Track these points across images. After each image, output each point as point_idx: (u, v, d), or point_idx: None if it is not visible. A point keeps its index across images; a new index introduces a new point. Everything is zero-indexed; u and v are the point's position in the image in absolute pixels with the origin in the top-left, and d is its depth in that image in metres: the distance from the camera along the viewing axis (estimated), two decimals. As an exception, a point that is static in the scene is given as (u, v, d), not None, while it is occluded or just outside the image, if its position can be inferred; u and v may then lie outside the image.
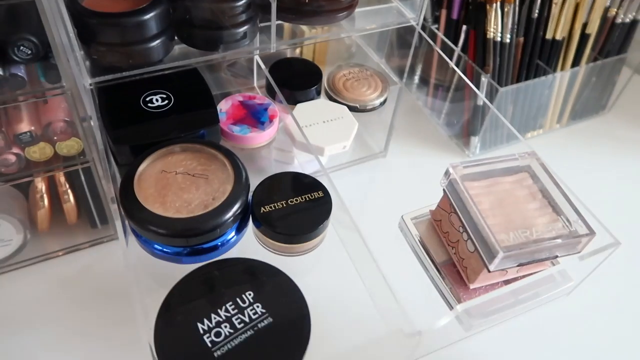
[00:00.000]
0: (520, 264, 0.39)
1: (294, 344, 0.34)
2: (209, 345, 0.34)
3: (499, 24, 0.60)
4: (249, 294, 0.36)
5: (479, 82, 0.63)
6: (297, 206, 0.42)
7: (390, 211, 0.49)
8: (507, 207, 0.41)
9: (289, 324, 0.35)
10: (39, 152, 0.44)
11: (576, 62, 0.68)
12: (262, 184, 0.44)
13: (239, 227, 0.42)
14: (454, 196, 0.41)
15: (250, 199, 0.43)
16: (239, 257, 0.40)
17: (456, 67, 0.62)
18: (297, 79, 0.56)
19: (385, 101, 0.59)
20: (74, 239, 0.52)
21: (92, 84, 0.42)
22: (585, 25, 0.66)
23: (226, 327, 0.35)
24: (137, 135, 0.44)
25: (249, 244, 0.44)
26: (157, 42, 0.42)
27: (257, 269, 0.39)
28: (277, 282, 0.38)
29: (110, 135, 0.44)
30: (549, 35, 0.64)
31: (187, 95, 0.48)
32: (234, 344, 0.34)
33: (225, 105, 0.51)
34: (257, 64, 0.57)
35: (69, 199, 0.50)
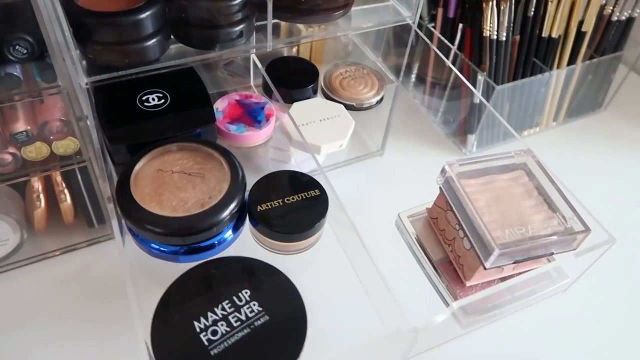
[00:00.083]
0: (516, 261, 0.39)
1: (291, 341, 0.34)
2: (206, 343, 0.34)
3: (495, 22, 0.60)
4: (246, 293, 0.37)
5: (475, 81, 0.63)
6: (294, 205, 0.42)
7: (387, 209, 0.49)
8: (503, 205, 0.41)
9: (285, 322, 0.35)
10: (35, 151, 0.44)
11: (572, 60, 0.68)
12: (258, 182, 0.44)
13: (236, 225, 0.42)
14: (450, 194, 0.42)
15: (246, 197, 0.43)
16: (235, 256, 0.40)
17: (452, 66, 0.62)
18: (293, 78, 0.56)
19: (381, 100, 0.59)
20: (71, 239, 0.52)
21: (88, 83, 0.42)
22: (581, 23, 0.66)
23: (223, 325, 0.35)
24: (133, 134, 0.44)
25: (245, 243, 0.44)
26: (153, 41, 0.42)
27: (253, 267, 0.39)
28: (273, 280, 0.38)
29: (106, 134, 0.44)
30: (545, 33, 0.64)
31: (184, 94, 0.48)
32: (230, 343, 0.34)
33: (221, 104, 0.52)
34: (254, 62, 0.57)
35: (66, 199, 0.49)
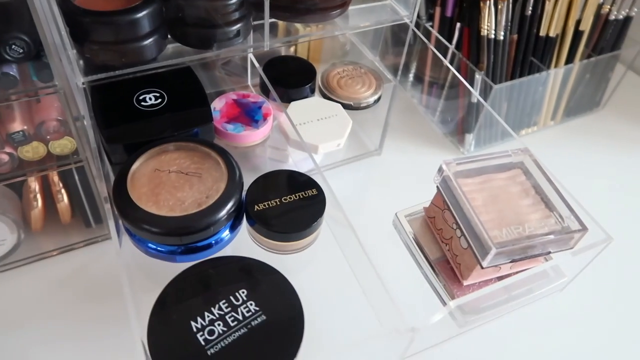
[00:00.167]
0: (513, 260, 0.39)
1: (288, 341, 0.34)
2: (202, 343, 0.34)
3: (493, 22, 0.60)
4: (243, 292, 0.37)
5: (473, 80, 0.63)
6: (291, 204, 0.42)
7: (384, 208, 0.49)
8: (500, 204, 0.41)
9: (282, 321, 0.35)
10: (32, 151, 0.44)
11: (570, 59, 0.68)
12: (256, 182, 0.44)
13: (233, 225, 0.42)
14: (447, 193, 0.42)
15: (244, 197, 0.43)
16: (232, 255, 0.40)
17: (450, 65, 0.62)
18: (291, 77, 0.56)
19: (379, 99, 0.59)
20: (68, 239, 0.52)
21: (85, 82, 0.42)
22: (578, 22, 0.66)
23: (219, 325, 0.35)
24: (130, 134, 0.44)
25: (242, 242, 0.44)
26: (149, 40, 0.42)
27: (251, 267, 0.39)
28: (270, 280, 0.38)
29: (103, 134, 0.44)
30: (543, 32, 0.64)
31: (181, 93, 0.48)
32: (227, 342, 0.34)
33: (219, 103, 0.51)
34: (251, 62, 0.57)
35: (63, 199, 0.49)
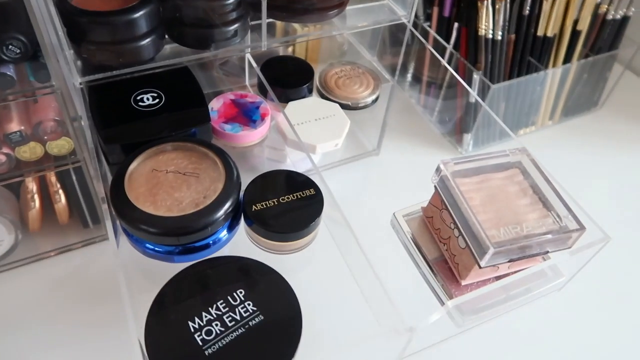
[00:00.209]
0: (511, 260, 0.39)
1: (286, 341, 0.34)
2: (200, 343, 0.34)
3: (491, 21, 0.60)
4: (240, 292, 0.36)
5: (471, 80, 0.63)
6: (289, 204, 0.42)
7: (382, 208, 0.49)
8: (498, 203, 0.41)
9: (280, 321, 0.35)
10: (30, 151, 0.44)
11: (567, 59, 0.68)
12: (253, 182, 0.44)
13: (231, 225, 0.42)
14: (445, 193, 0.42)
15: (241, 197, 0.43)
16: (230, 256, 0.40)
17: (448, 65, 0.63)
18: (288, 77, 0.56)
19: (377, 99, 0.59)
20: (66, 239, 0.52)
21: (82, 83, 0.42)
22: (576, 22, 0.66)
23: (217, 325, 0.35)
24: (127, 134, 0.44)
25: (240, 243, 0.44)
26: (147, 40, 0.42)
27: (248, 267, 0.39)
28: (268, 280, 0.38)
29: (100, 134, 0.44)
30: (540, 32, 0.64)
31: (178, 93, 0.48)
32: (224, 342, 0.34)
33: (216, 103, 0.51)
34: (249, 62, 0.56)
35: (60, 199, 0.49)
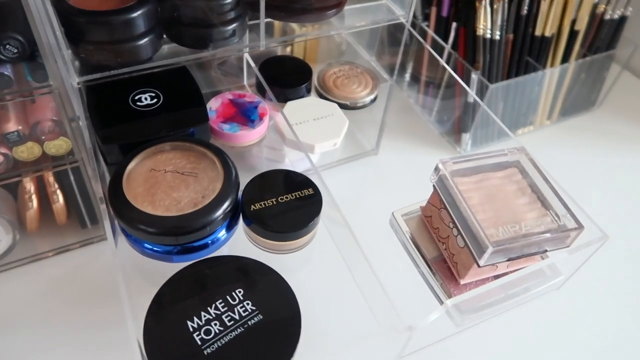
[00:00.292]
0: (510, 259, 0.39)
1: (285, 340, 0.34)
2: (199, 343, 0.34)
3: (489, 21, 0.60)
4: (239, 292, 0.36)
5: (469, 79, 0.63)
6: (288, 204, 0.42)
7: (381, 208, 0.49)
8: (496, 202, 0.41)
9: (279, 321, 0.35)
10: (27, 151, 0.44)
11: (565, 59, 0.68)
12: (252, 181, 0.44)
13: (229, 225, 0.42)
14: (444, 192, 0.42)
15: (240, 197, 0.43)
16: (229, 255, 0.40)
17: (446, 65, 0.63)
18: (287, 77, 0.56)
19: (375, 99, 0.59)
20: (64, 240, 0.52)
21: (80, 82, 0.42)
22: (574, 21, 0.66)
23: (216, 324, 0.34)
24: (126, 134, 0.44)
25: (239, 242, 0.44)
26: (145, 40, 0.42)
27: (247, 266, 0.39)
28: (267, 279, 0.38)
29: (98, 134, 0.44)
30: (538, 31, 0.64)
31: (176, 93, 0.48)
32: (223, 342, 0.34)
33: (215, 103, 0.51)
34: (247, 62, 0.56)
35: (58, 199, 0.49)
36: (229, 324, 0.35)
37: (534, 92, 0.68)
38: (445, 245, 0.43)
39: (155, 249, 0.40)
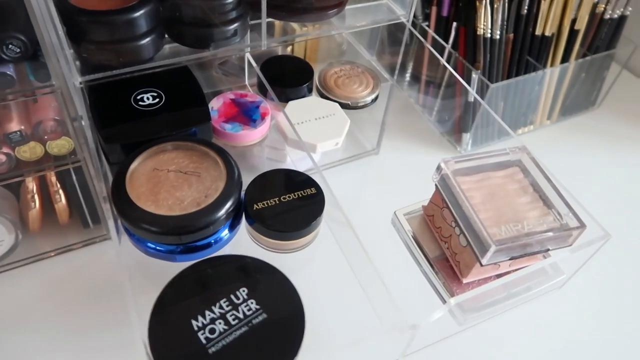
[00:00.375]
0: (512, 258, 0.39)
1: (289, 339, 0.34)
2: (204, 342, 0.34)
3: (489, 21, 0.60)
4: (243, 291, 0.36)
5: (469, 79, 0.63)
6: (290, 203, 0.42)
7: (383, 207, 0.49)
8: (498, 201, 0.41)
9: (283, 319, 0.35)
10: (30, 151, 0.44)
11: (565, 58, 0.68)
12: (254, 181, 0.44)
13: (232, 224, 0.42)
14: (446, 191, 0.42)
15: (242, 196, 0.43)
16: (232, 254, 0.40)
17: (447, 64, 0.63)
18: (288, 77, 0.56)
19: (376, 98, 0.59)
20: (66, 240, 0.52)
21: (82, 82, 0.42)
22: (574, 21, 0.66)
23: (220, 323, 0.34)
24: (128, 133, 0.44)
25: (242, 242, 0.44)
26: (147, 40, 0.42)
27: (250, 266, 0.39)
28: (271, 278, 0.38)
29: (101, 134, 0.44)
30: (539, 31, 0.64)
31: (178, 93, 0.48)
32: (228, 341, 0.34)
33: (216, 103, 0.51)
34: (248, 61, 0.56)
35: (61, 199, 0.49)
36: (233, 323, 0.35)
37: (534, 91, 0.68)
38: (447, 244, 0.43)
39: (158, 248, 0.40)
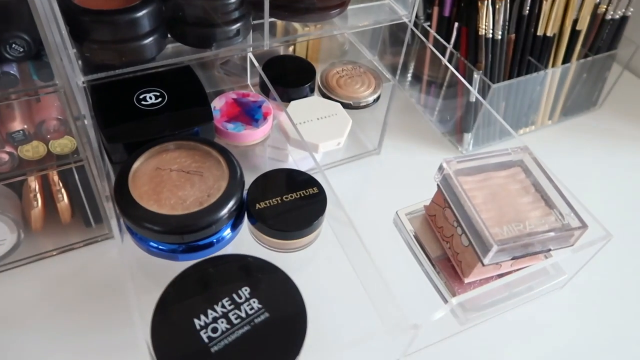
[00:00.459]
0: (514, 258, 0.39)
1: (291, 338, 0.34)
2: (206, 341, 0.34)
3: (491, 21, 0.60)
4: (245, 290, 0.37)
5: (471, 79, 0.63)
6: (292, 203, 0.42)
7: (384, 207, 0.49)
8: (500, 201, 0.41)
9: (285, 319, 0.35)
10: (32, 150, 0.44)
11: (567, 59, 0.68)
12: (256, 180, 0.44)
13: (234, 223, 0.42)
14: (448, 191, 0.42)
15: (245, 195, 0.43)
16: (235, 254, 0.40)
17: (449, 64, 0.63)
18: (290, 77, 0.56)
19: (378, 98, 0.59)
20: (68, 239, 0.52)
21: (85, 82, 0.42)
22: (575, 21, 0.66)
23: (223, 322, 0.35)
24: (130, 133, 0.44)
25: (244, 241, 0.44)
26: (149, 39, 0.42)
27: (252, 265, 0.39)
28: (273, 278, 0.38)
29: (103, 133, 0.44)
30: (540, 31, 0.64)
31: (181, 92, 0.48)
32: (230, 340, 0.34)
33: (219, 102, 0.51)
34: (251, 61, 0.57)
35: (63, 198, 0.49)
36: (235, 322, 0.35)
37: (536, 92, 0.68)
38: (449, 244, 0.43)
39: (160, 247, 0.40)
